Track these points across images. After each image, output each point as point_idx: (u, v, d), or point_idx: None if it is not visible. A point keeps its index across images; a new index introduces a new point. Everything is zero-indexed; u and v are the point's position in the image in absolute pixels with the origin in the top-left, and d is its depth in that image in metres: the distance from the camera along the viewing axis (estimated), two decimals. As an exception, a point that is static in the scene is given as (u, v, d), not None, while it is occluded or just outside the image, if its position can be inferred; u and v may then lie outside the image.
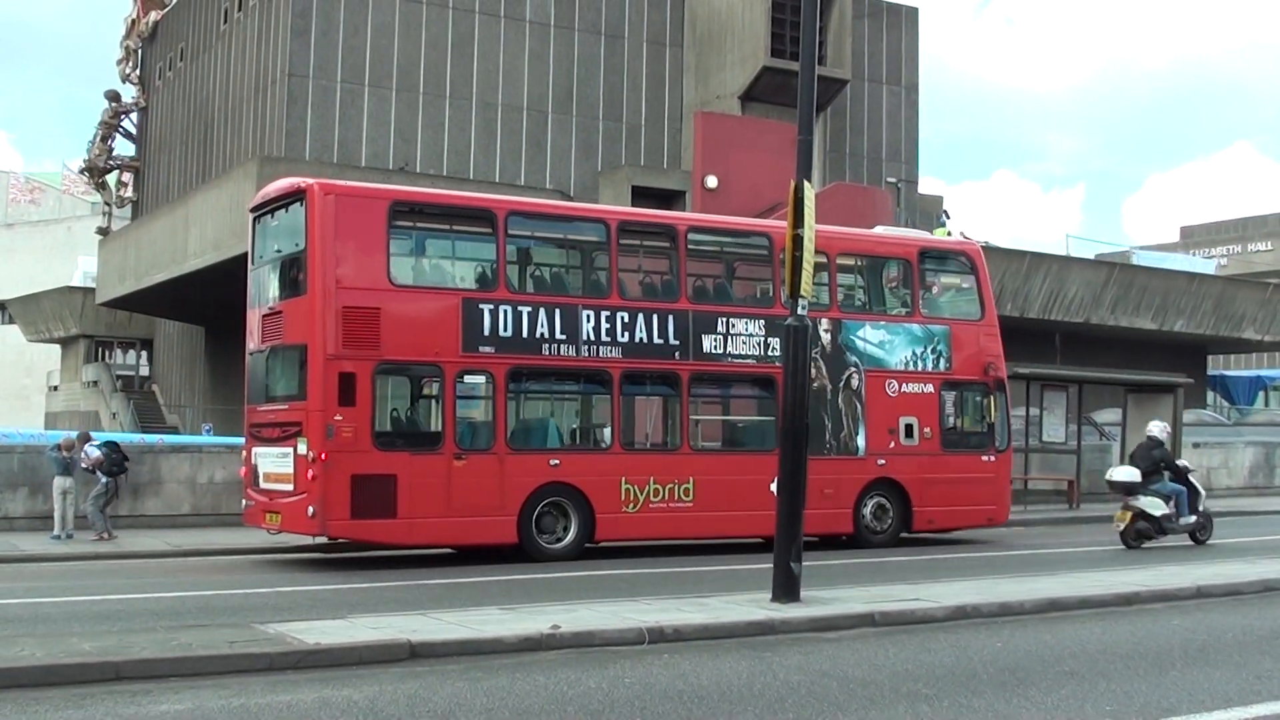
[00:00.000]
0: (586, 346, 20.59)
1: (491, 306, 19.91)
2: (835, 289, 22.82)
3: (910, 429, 23.11)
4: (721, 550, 21.30)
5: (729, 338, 21.66)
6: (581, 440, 21.69)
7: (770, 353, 21.46)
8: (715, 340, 21.55)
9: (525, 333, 20.10)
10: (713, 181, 41.50)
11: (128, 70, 65.50)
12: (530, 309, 20.19)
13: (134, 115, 66.11)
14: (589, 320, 20.62)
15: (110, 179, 67.83)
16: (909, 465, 23.03)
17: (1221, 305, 51.82)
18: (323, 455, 18.58)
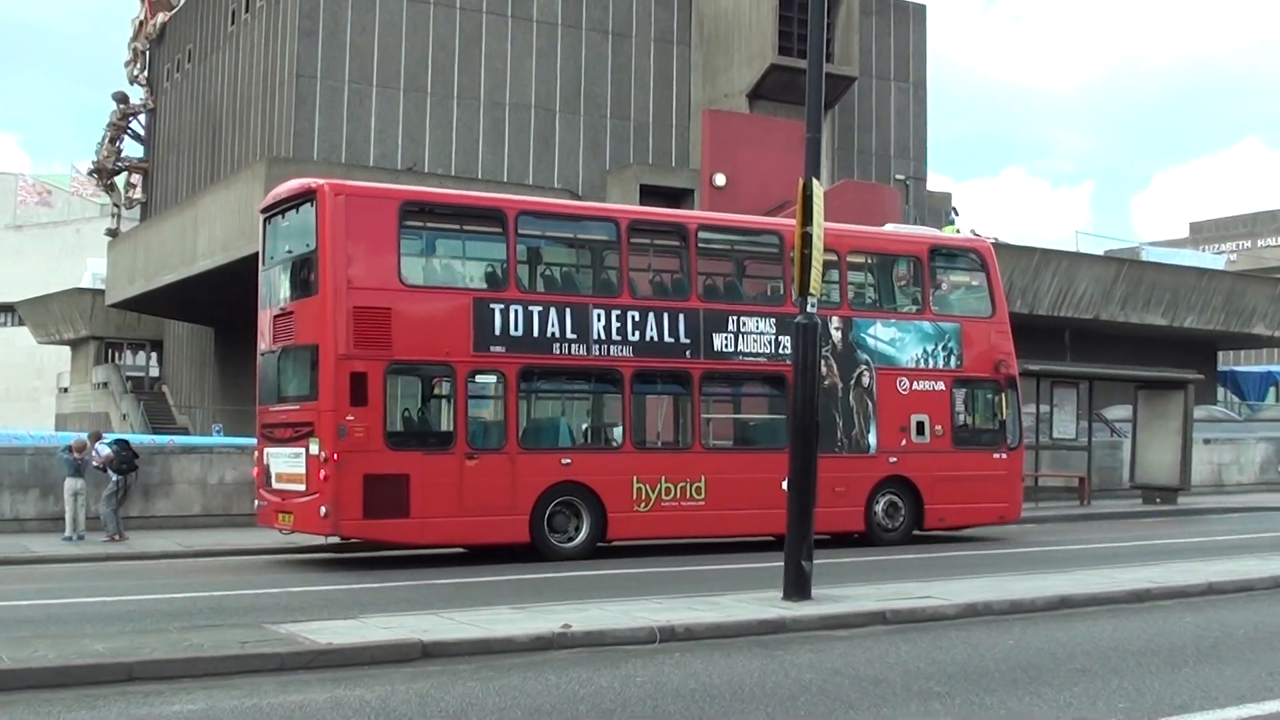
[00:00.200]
0: (597, 346, 20.58)
1: (502, 306, 19.91)
2: (845, 287, 22.80)
3: (921, 426, 23.08)
4: (733, 549, 21.27)
5: (740, 336, 21.64)
6: (593, 439, 21.71)
7: (781, 351, 21.41)
8: (726, 339, 21.54)
9: (536, 332, 20.10)
10: (721, 180, 41.42)
11: (136, 72, 65.59)
12: (541, 308, 20.20)
13: (142, 117, 66.22)
14: (600, 319, 20.62)
15: (119, 180, 68.00)
16: (920, 463, 22.99)
17: (1231, 301, 51.74)
18: (335, 455, 18.60)
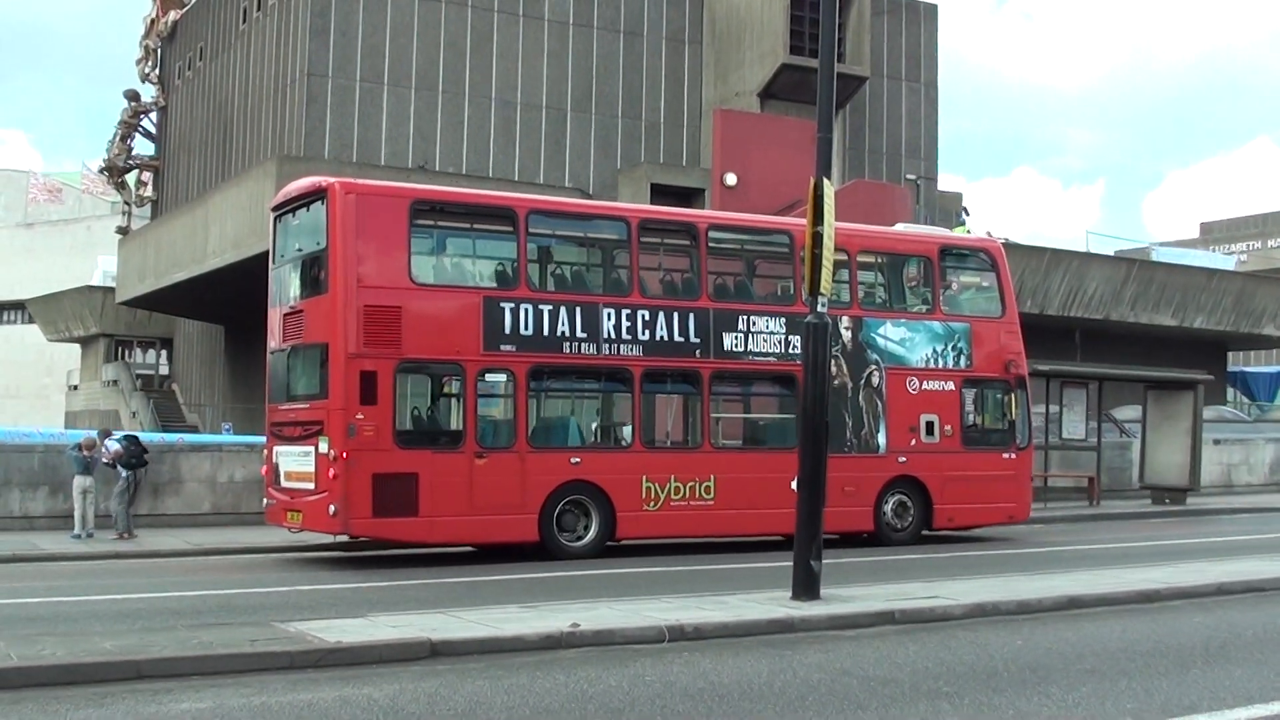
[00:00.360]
0: (607, 345, 20.59)
1: (512, 305, 19.92)
2: (856, 286, 22.78)
3: (931, 426, 23.07)
4: (742, 548, 21.27)
5: (750, 336, 21.64)
6: (602, 438, 21.71)
7: (791, 350, 21.37)
8: (736, 338, 21.53)
9: (546, 331, 20.11)
10: (732, 179, 41.40)
11: (147, 70, 65.63)
12: (551, 307, 20.20)
13: (153, 115, 66.23)
14: (610, 318, 20.63)
15: (130, 178, 68.02)
16: (930, 463, 22.98)
17: (1242, 301, 51.62)
18: (344, 454, 18.62)
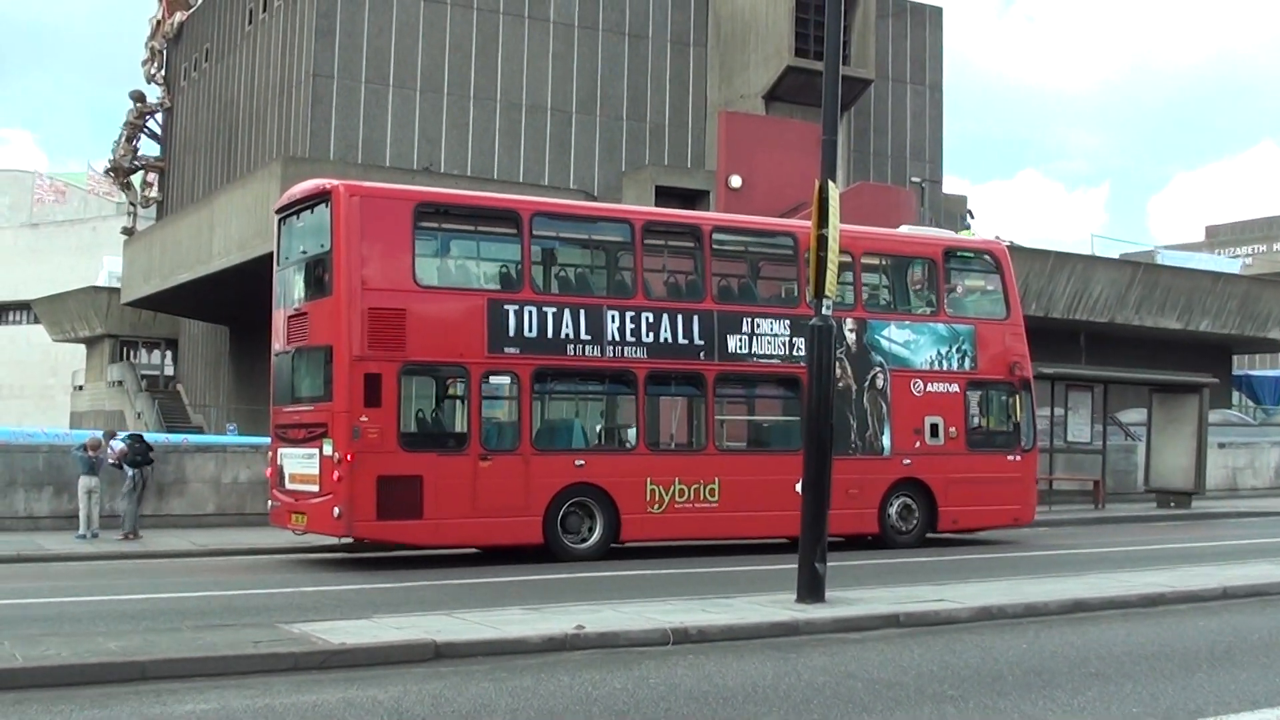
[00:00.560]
0: (611, 347, 20.57)
1: (516, 307, 19.91)
2: (860, 289, 22.75)
3: (936, 429, 23.04)
4: (746, 551, 21.26)
5: (754, 338, 21.62)
6: (606, 441, 21.71)
7: (795, 353, 21.36)
8: (740, 340, 21.51)
9: (550, 333, 20.10)
10: (736, 181, 41.43)
11: (153, 71, 65.75)
12: (555, 309, 20.19)
13: (159, 116, 66.38)
14: (614, 321, 20.61)
15: (135, 179, 68.17)
16: (934, 465, 22.94)
17: (1247, 305, 51.62)
18: (348, 456, 18.61)
